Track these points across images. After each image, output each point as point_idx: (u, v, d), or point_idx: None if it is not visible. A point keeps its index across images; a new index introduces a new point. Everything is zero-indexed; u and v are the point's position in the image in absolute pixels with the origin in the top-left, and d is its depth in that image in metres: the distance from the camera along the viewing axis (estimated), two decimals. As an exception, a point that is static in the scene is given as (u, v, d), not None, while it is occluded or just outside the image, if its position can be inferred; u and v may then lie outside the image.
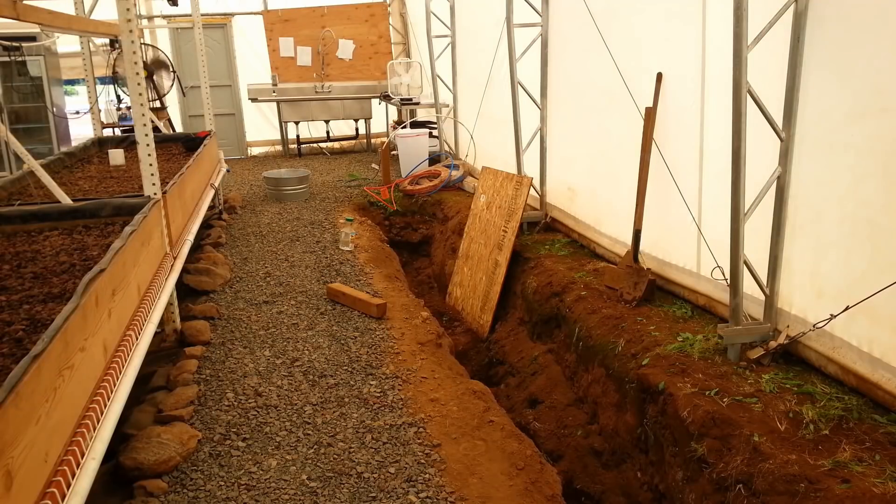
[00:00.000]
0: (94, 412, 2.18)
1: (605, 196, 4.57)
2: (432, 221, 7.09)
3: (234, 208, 7.45)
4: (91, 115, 6.47)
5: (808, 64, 2.72)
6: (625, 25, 4.04)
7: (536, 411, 3.85)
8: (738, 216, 2.87)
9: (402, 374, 3.68)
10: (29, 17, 3.16)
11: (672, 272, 3.85)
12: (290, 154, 10.84)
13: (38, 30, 4.88)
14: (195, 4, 7.05)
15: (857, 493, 2.08)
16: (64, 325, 2.02)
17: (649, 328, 3.45)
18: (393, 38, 10.97)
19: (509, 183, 5.32)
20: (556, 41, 5.07)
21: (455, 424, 3.21)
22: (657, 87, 3.74)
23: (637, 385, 3.08)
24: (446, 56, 7.97)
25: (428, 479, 2.80)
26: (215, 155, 6.90)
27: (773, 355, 2.95)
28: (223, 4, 10.48)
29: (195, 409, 3.32)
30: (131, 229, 3.05)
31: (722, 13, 3.12)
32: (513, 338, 4.66)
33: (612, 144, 4.39)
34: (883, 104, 2.41)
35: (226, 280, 5.18)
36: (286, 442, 3.06)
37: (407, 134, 8.13)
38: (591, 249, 4.80)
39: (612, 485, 3.23)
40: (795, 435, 2.44)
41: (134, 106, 3.73)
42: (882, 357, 2.52)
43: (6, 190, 4.39)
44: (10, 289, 2.76)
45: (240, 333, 4.25)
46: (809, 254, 2.85)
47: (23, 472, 1.63)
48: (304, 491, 2.72)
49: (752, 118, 2.78)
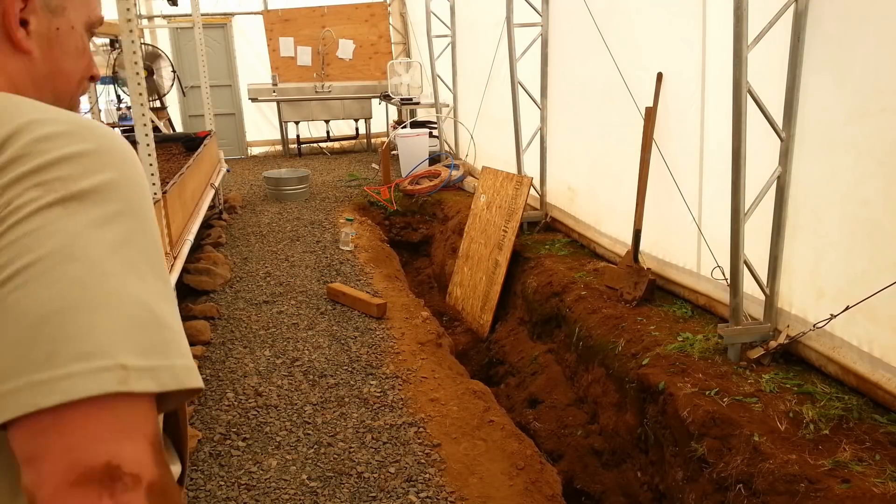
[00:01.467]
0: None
1: (606, 196, 4.57)
2: (432, 221, 7.10)
3: (234, 208, 7.46)
4: (91, 114, 6.47)
5: (809, 64, 2.72)
6: (625, 25, 4.04)
7: (536, 411, 3.85)
8: (738, 216, 2.86)
9: (403, 373, 3.68)
10: (29, 17, 3.16)
11: (672, 272, 3.85)
12: (291, 154, 10.84)
13: (39, 30, 4.87)
14: (195, 4, 7.05)
15: (857, 493, 2.08)
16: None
17: (649, 328, 3.45)
18: (393, 37, 10.97)
19: (509, 183, 5.32)
20: (557, 41, 5.07)
21: (455, 424, 3.22)
22: (657, 87, 3.74)
23: (637, 385, 3.08)
24: (446, 56, 7.97)
25: (428, 478, 2.80)
26: (215, 155, 6.90)
27: (774, 355, 2.95)
28: (223, 4, 10.48)
29: (195, 409, 3.33)
30: (131, 229, 3.05)
31: (722, 13, 3.12)
32: (513, 338, 4.66)
33: (612, 144, 4.39)
34: (883, 104, 2.41)
35: (226, 280, 5.18)
36: (286, 442, 3.06)
37: (407, 134, 8.13)
38: (591, 249, 4.80)
39: (613, 484, 3.23)
40: (795, 435, 2.44)
41: (134, 106, 3.73)
42: (882, 357, 2.52)
43: (6, 190, 4.39)
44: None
45: (240, 333, 4.25)
46: (809, 254, 2.85)
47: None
48: (305, 491, 2.72)
49: (752, 118, 2.77)
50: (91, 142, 0.61)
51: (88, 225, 0.57)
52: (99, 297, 0.55)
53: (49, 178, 0.57)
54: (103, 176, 0.60)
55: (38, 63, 0.72)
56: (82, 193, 0.58)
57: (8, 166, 0.57)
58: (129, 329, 0.55)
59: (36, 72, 0.73)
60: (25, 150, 0.58)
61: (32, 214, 0.56)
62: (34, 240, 0.55)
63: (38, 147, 0.58)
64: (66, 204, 0.57)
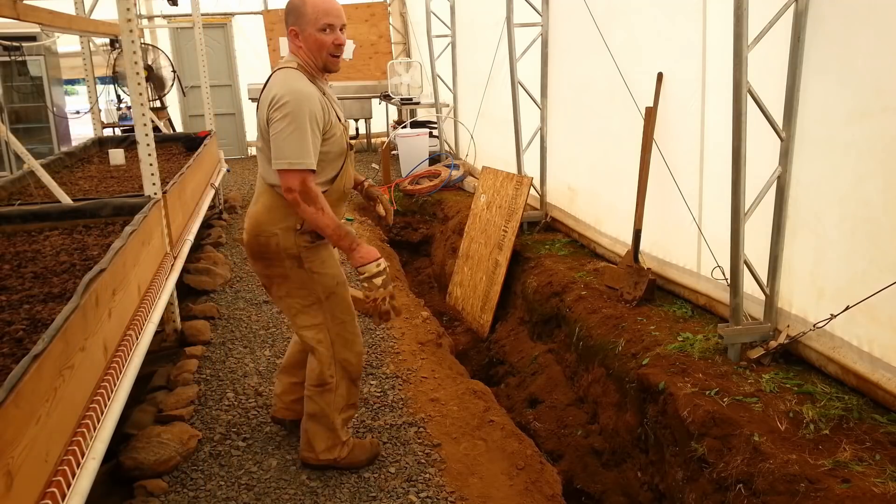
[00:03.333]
0: (95, 412, 2.18)
1: (606, 196, 4.57)
2: (432, 221, 7.10)
3: (234, 208, 7.46)
4: (91, 114, 6.47)
5: (809, 63, 2.72)
6: (625, 25, 4.04)
7: (536, 411, 3.85)
8: (738, 216, 2.87)
9: (403, 373, 3.69)
10: (29, 17, 3.16)
11: (672, 272, 3.85)
12: (291, 154, 10.83)
13: (39, 30, 4.88)
14: (195, 4, 7.05)
15: (857, 493, 2.08)
16: (64, 324, 2.02)
17: (649, 328, 3.45)
18: (393, 37, 10.97)
19: (509, 183, 5.32)
20: (557, 41, 5.08)
21: (455, 424, 3.22)
22: (657, 87, 3.74)
23: (637, 385, 3.09)
24: (446, 56, 7.97)
25: (428, 478, 2.80)
26: (215, 155, 6.90)
27: (774, 355, 2.95)
28: (223, 4, 10.48)
29: (195, 409, 3.33)
30: (131, 229, 3.05)
31: (722, 13, 3.12)
32: (513, 337, 4.66)
33: (612, 144, 4.39)
34: (883, 104, 2.41)
35: (226, 280, 5.18)
36: (286, 441, 3.06)
37: (407, 134, 8.13)
38: (591, 249, 4.80)
39: (613, 484, 3.23)
40: (795, 435, 2.44)
41: (134, 106, 3.73)
42: (882, 357, 2.52)
43: (6, 190, 4.39)
44: (10, 288, 2.76)
45: (240, 333, 4.25)
46: (810, 253, 2.85)
47: (23, 471, 1.63)
48: (305, 491, 2.72)
49: (752, 118, 2.78)
50: (287, 95, 2.35)
51: (281, 118, 2.35)
52: (284, 140, 2.35)
53: (276, 107, 2.36)
54: (288, 107, 2.34)
55: (305, 51, 2.48)
56: (282, 109, 2.35)
57: (272, 104, 2.37)
58: (292, 149, 2.35)
59: (306, 54, 2.48)
60: (274, 100, 2.37)
61: (274, 113, 2.37)
62: (274, 120, 2.38)
63: (276, 99, 2.37)
64: (279, 111, 2.35)
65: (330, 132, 2.48)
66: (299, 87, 2.38)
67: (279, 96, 2.35)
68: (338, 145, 2.54)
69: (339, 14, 2.45)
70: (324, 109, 2.43)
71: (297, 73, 2.45)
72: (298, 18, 2.43)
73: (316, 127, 2.38)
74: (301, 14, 2.42)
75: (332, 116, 2.49)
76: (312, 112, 2.36)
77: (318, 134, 2.40)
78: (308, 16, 2.41)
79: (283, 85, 2.38)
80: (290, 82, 2.39)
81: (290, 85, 2.37)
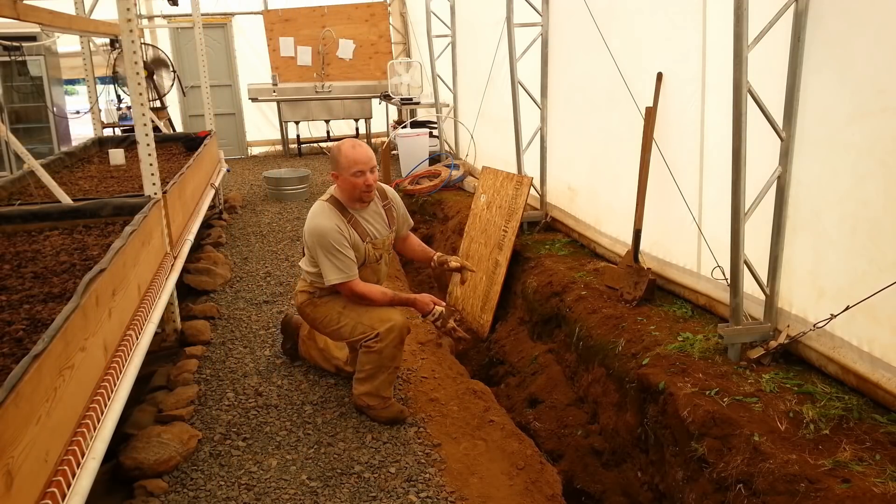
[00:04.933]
0: (95, 412, 2.19)
1: (606, 196, 4.57)
2: (432, 221, 7.09)
3: (234, 208, 7.46)
4: (91, 114, 6.47)
5: (809, 63, 2.72)
6: (625, 25, 4.04)
7: (536, 411, 3.85)
8: (738, 216, 2.86)
9: (402, 373, 3.69)
10: (29, 17, 3.16)
11: (672, 272, 3.85)
12: (291, 154, 10.85)
13: (39, 30, 4.88)
14: (195, 4, 7.05)
15: (857, 493, 2.08)
16: (64, 324, 2.02)
17: (649, 328, 3.45)
18: (393, 37, 10.98)
19: (509, 183, 5.32)
20: (557, 41, 5.07)
21: (455, 424, 3.22)
22: (657, 87, 3.74)
23: (637, 385, 3.08)
24: (446, 56, 7.97)
25: (428, 478, 2.80)
26: (215, 155, 6.90)
27: (774, 355, 2.95)
28: (223, 4, 10.48)
29: (195, 409, 3.33)
30: (132, 229, 3.05)
31: (722, 13, 3.12)
32: (513, 337, 4.66)
33: (612, 144, 4.39)
34: (884, 103, 2.41)
35: (226, 280, 5.18)
36: (286, 442, 3.06)
37: (407, 134, 8.13)
38: (591, 249, 4.80)
39: (613, 484, 3.23)
40: (796, 435, 2.44)
41: (134, 106, 3.73)
42: (882, 357, 2.52)
43: (6, 190, 4.39)
44: (10, 288, 2.76)
45: (240, 333, 4.25)
46: (810, 253, 2.85)
47: (23, 471, 1.63)
48: (305, 491, 2.72)
49: (752, 118, 2.77)
50: (308, 232, 3.18)
51: (315, 249, 3.12)
52: (324, 266, 3.11)
53: (308, 239, 3.19)
54: (314, 241, 3.12)
55: (342, 189, 3.17)
56: (312, 243, 3.15)
57: (306, 233, 3.22)
58: (333, 272, 3.09)
59: (343, 191, 3.17)
60: (306, 232, 3.21)
61: (309, 241, 3.19)
62: (309, 246, 3.20)
63: (306, 232, 3.20)
64: (311, 243, 3.16)
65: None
66: (318, 223, 3.10)
67: (306, 231, 3.18)
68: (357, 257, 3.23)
69: (367, 161, 3.08)
70: (342, 234, 3.09)
71: (326, 205, 3.16)
72: (336, 165, 3.11)
73: (342, 246, 3.07)
74: (338, 162, 3.10)
75: (355, 238, 3.16)
76: (332, 241, 3.06)
77: (346, 247, 3.09)
78: (343, 164, 3.08)
79: (310, 220, 3.15)
80: (315, 219, 3.13)
81: (313, 221, 3.13)
